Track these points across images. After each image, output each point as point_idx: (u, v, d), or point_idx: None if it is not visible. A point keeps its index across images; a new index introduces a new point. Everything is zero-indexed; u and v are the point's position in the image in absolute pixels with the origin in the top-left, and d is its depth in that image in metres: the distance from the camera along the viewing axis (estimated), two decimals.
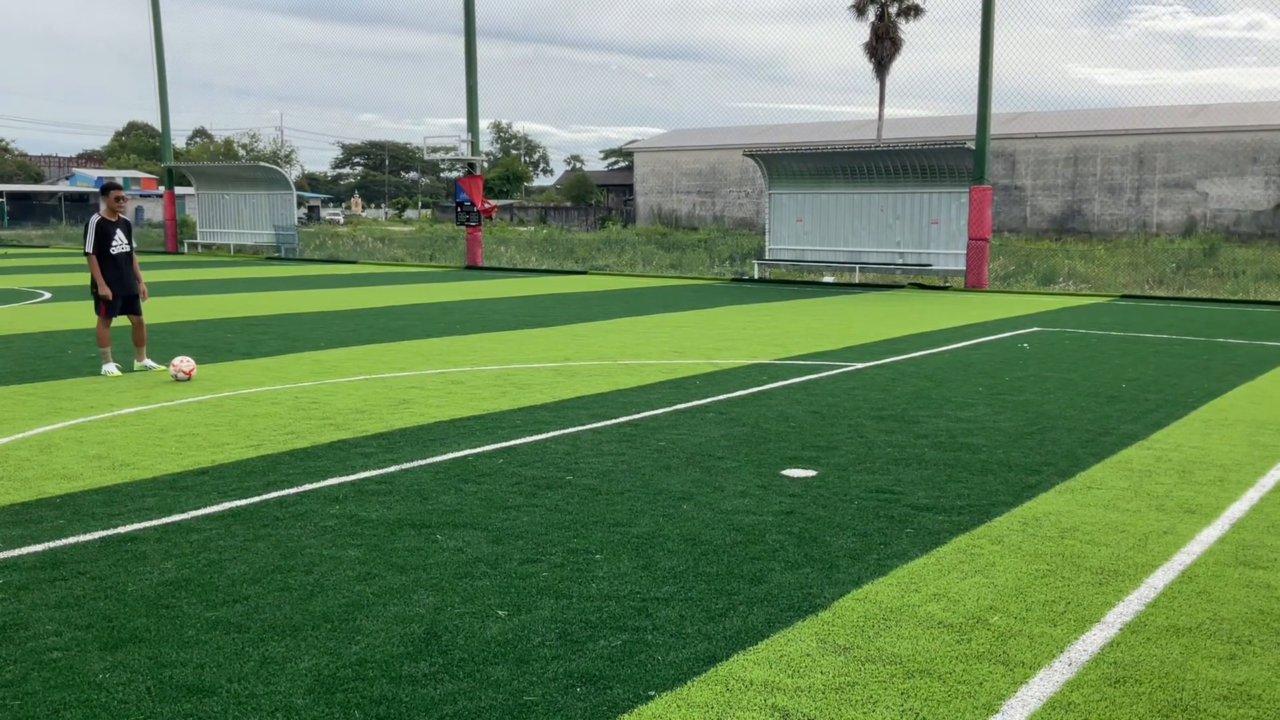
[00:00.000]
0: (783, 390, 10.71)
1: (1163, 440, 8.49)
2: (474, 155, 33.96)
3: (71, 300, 20.90)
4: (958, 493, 6.85)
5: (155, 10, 41.33)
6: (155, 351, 12.86)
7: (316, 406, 9.68)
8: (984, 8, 25.12)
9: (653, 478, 7.17)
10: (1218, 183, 53.42)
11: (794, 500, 6.64)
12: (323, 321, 17.30)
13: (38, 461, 7.57)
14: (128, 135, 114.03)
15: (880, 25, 56.21)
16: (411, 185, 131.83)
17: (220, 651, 4.35)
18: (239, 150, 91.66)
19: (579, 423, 9.00)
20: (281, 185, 42.09)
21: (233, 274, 30.37)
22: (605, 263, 35.11)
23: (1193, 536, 5.98)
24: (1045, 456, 7.89)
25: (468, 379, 11.32)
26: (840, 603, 4.92)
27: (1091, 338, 15.59)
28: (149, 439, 8.32)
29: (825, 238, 28.44)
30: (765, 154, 29.53)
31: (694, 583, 5.17)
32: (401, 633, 4.55)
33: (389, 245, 45.04)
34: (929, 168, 26.39)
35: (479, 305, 20.68)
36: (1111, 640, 4.54)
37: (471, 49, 33.49)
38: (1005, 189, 57.67)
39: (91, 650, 4.35)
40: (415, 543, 5.76)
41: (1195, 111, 55.50)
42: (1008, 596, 5.04)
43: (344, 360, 12.75)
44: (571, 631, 4.57)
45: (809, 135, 62.51)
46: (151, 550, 5.61)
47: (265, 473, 7.25)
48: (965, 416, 9.38)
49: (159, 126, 44.22)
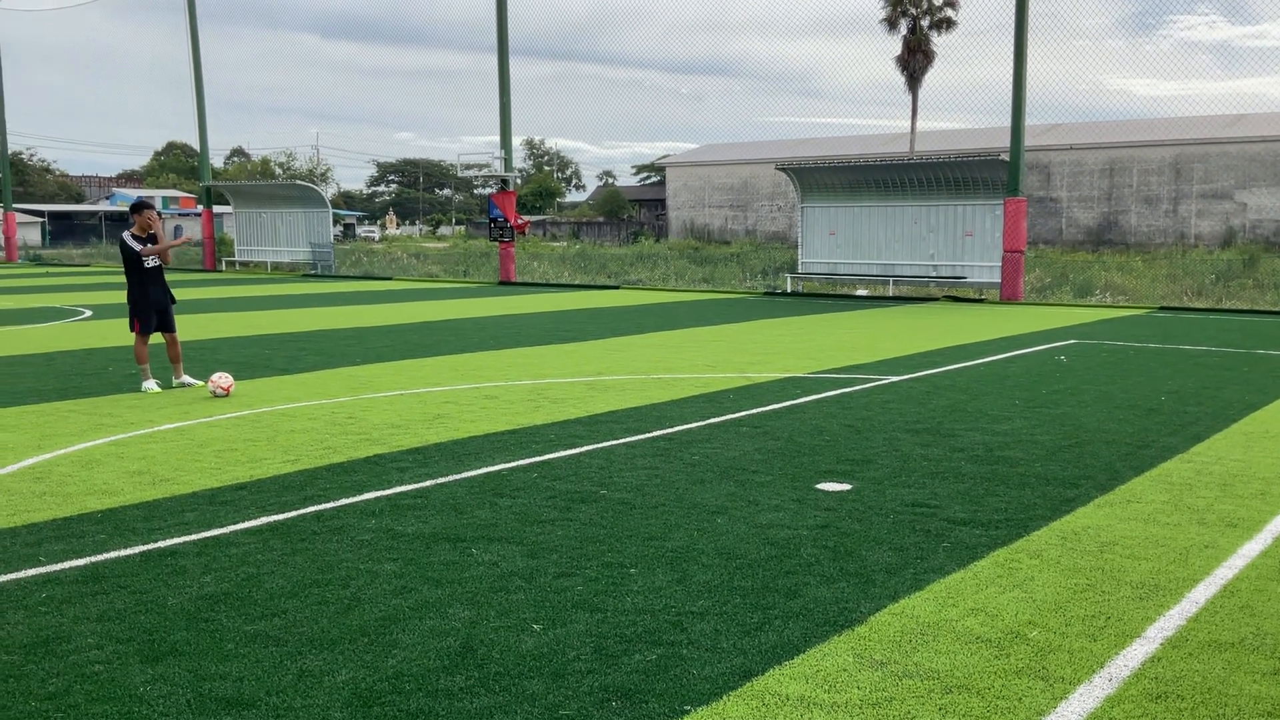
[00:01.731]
0: (816, 404, 10.68)
1: (1203, 453, 8.38)
2: (507, 172, 34.16)
3: (111, 318, 21.19)
4: (995, 506, 6.79)
5: (193, 32, 41.95)
6: (194, 368, 13.01)
7: (353, 422, 9.76)
8: (1017, 20, 25.01)
9: (687, 491, 7.17)
10: (1257, 193, 52.76)
11: (829, 514, 6.61)
12: (358, 337, 17.44)
13: (80, 477, 7.68)
14: (167, 155, 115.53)
15: (912, 38, 56.04)
16: (445, 202, 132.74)
17: (259, 665, 4.38)
18: (276, 169, 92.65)
19: (613, 437, 9.01)
20: (317, 203, 42.51)
21: (270, 291, 30.68)
22: (638, 277, 35.17)
23: (1234, 550, 5.90)
24: (1083, 470, 7.81)
25: (501, 393, 11.37)
26: (877, 617, 4.89)
27: (1130, 350, 15.43)
28: (188, 454, 8.41)
29: (858, 251, 28.35)
30: (798, 168, 29.50)
31: (729, 597, 5.16)
32: (437, 646, 4.57)
33: (423, 261, 45.36)
34: (963, 180, 26.26)
35: (512, 320, 20.77)
36: (1152, 655, 4.48)
37: (505, 67, 33.72)
38: (1040, 200, 57.25)
39: (133, 663, 4.40)
40: (450, 557, 5.78)
41: (1233, 121, 54.89)
42: (1047, 611, 4.99)
43: (379, 376, 12.84)
44: (607, 646, 4.57)
45: (841, 148, 62.36)
46: (191, 564, 5.67)
47: (302, 487, 7.31)
48: (1002, 430, 9.30)
49: (197, 146, 44.84)
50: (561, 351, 15.40)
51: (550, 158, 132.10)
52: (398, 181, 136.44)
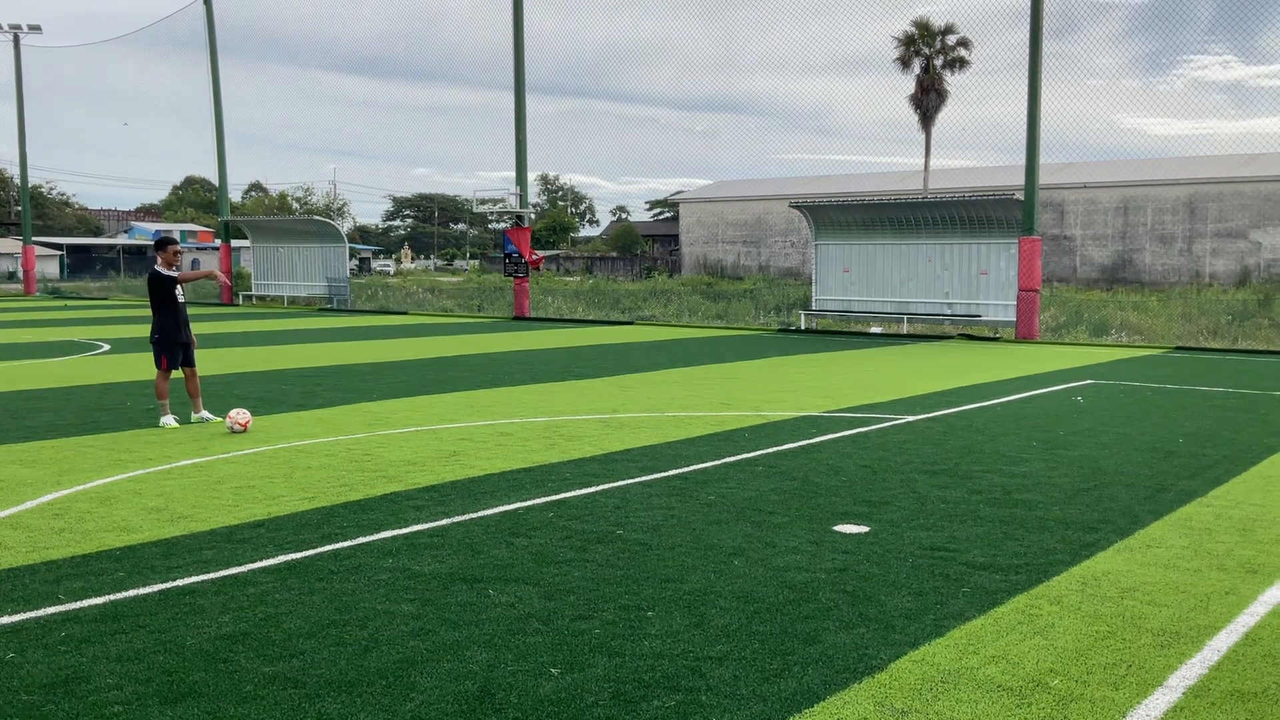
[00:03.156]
0: (832, 443, 10.66)
1: (1222, 497, 8.33)
2: (522, 208, 34.37)
3: (130, 352, 21.32)
4: (1014, 551, 6.76)
5: (214, 68, 42.48)
6: (212, 403, 13.07)
7: (369, 459, 9.78)
8: (1031, 60, 25.14)
9: (703, 532, 7.15)
10: (1271, 232, 52.68)
11: (847, 557, 6.59)
12: (375, 373, 17.49)
13: (98, 514, 7.70)
14: (185, 189, 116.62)
15: (925, 78, 56.31)
16: (460, 236, 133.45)
17: (278, 707, 4.38)
18: (293, 203, 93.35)
19: (628, 475, 9.01)
20: (334, 238, 42.81)
21: (287, 325, 30.84)
22: (651, 313, 35.24)
23: (1256, 597, 5.85)
24: (1103, 514, 7.77)
25: (517, 430, 11.39)
26: (897, 664, 4.87)
27: (1147, 390, 15.38)
28: (206, 491, 8.44)
29: (872, 288, 28.38)
30: (812, 205, 29.60)
31: (747, 642, 5.14)
32: (455, 690, 4.56)
33: (438, 296, 45.54)
34: (977, 218, 26.30)
35: (527, 356, 20.82)
36: (1175, 705, 4.44)
37: (521, 103, 34.01)
38: (1054, 239, 57.27)
39: (151, 704, 4.40)
40: (467, 598, 5.78)
41: (1247, 160, 54.90)
42: (1068, 659, 4.95)
43: (395, 412, 12.87)
44: (625, 691, 4.55)
45: (854, 186, 62.58)
46: (209, 603, 5.68)
47: (320, 525, 7.32)
48: (1020, 471, 9.27)
49: (216, 181, 45.25)
50: (576, 388, 15.42)
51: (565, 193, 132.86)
52: (413, 216, 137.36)
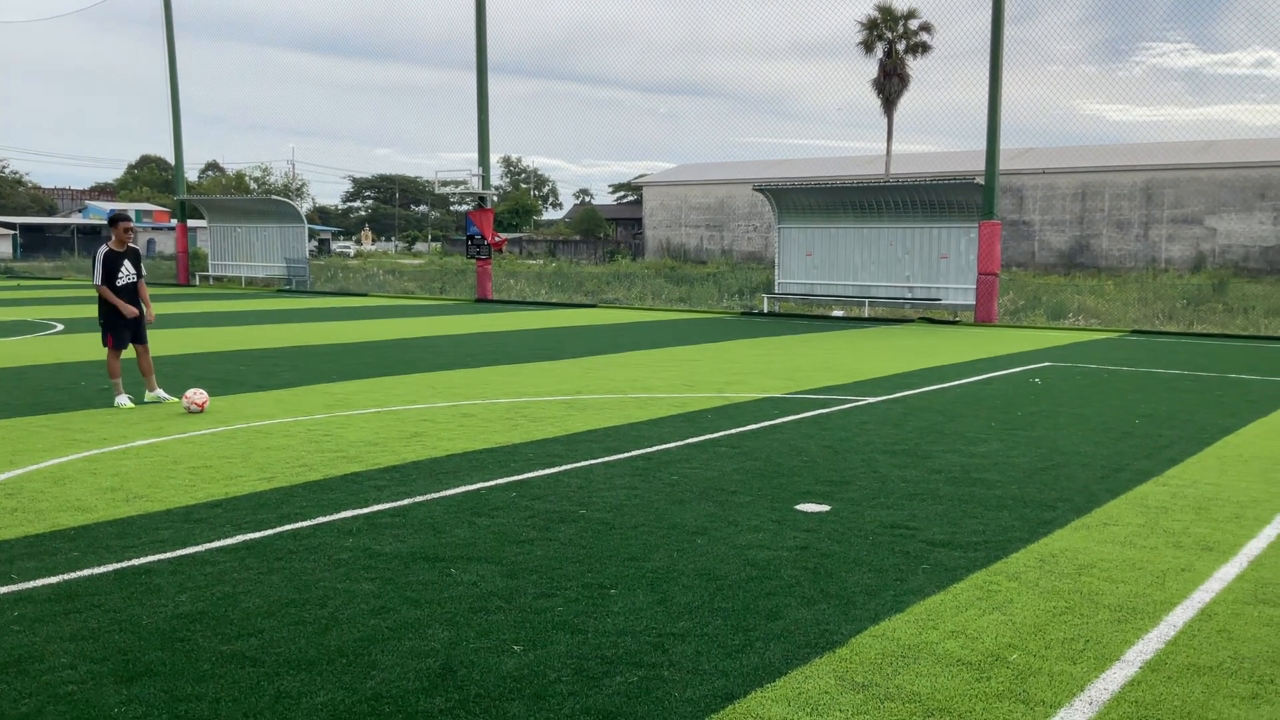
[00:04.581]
0: (795, 424, 10.70)
1: (1178, 476, 8.45)
2: (485, 189, 34.16)
3: (84, 332, 21.00)
4: (973, 529, 6.82)
5: (170, 46, 41.80)
6: (168, 384, 12.90)
7: (329, 439, 9.69)
8: (993, 46, 25.29)
9: (666, 512, 7.15)
10: (1226, 218, 53.45)
11: (809, 535, 6.61)
12: (334, 354, 17.34)
13: (52, 493, 7.58)
14: (140, 168, 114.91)
15: (888, 62, 56.54)
16: (421, 218, 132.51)
17: (236, 686, 4.33)
18: (250, 184, 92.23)
19: (591, 456, 8.99)
20: (293, 218, 42.36)
21: (244, 306, 30.50)
22: (615, 296, 35.20)
23: (1211, 574, 5.94)
24: (1060, 492, 7.85)
25: (479, 412, 11.33)
26: (858, 639, 4.89)
27: (1103, 373, 15.56)
28: (162, 471, 8.33)
29: (834, 272, 28.50)
30: (775, 189, 29.65)
31: (710, 618, 5.15)
32: (417, 668, 4.53)
33: (399, 278, 45.22)
34: (938, 203, 26.47)
35: (490, 338, 20.72)
36: (1132, 679, 4.50)
37: (483, 84, 33.76)
38: (1013, 224, 57.77)
39: (107, 683, 4.34)
40: (429, 576, 5.74)
41: (1204, 148, 55.63)
42: (1026, 634, 5.00)
43: (356, 393, 12.77)
44: (588, 667, 4.55)
45: (817, 170, 62.77)
46: (166, 583, 5.61)
47: (279, 505, 7.25)
48: (979, 451, 9.35)
49: (172, 160, 44.61)
50: (539, 370, 15.37)
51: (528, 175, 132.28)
52: (374, 197, 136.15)
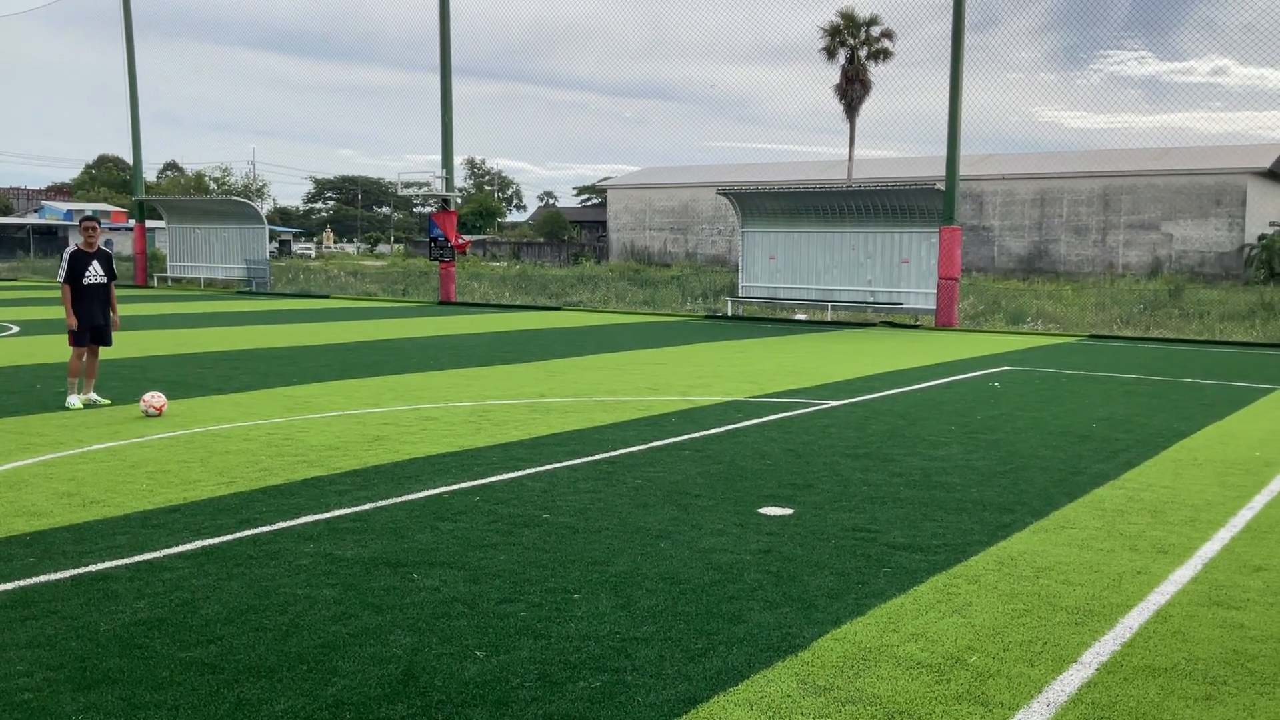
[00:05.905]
0: (758, 428, 10.74)
1: (1134, 480, 8.57)
2: (448, 191, 34.02)
3: (40, 334, 20.69)
4: (933, 532, 6.88)
5: (129, 44, 41.28)
6: (125, 387, 12.74)
7: (289, 443, 9.61)
8: (953, 53, 25.52)
9: (630, 516, 7.16)
10: (1182, 224, 54.24)
11: (771, 539, 6.64)
12: (295, 357, 17.20)
13: (6, 498, 7.46)
14: (98, 168, 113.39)
15: (850, 68, 56.94)
16: (384, 220, 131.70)
17: (195, 693, 4.29)
18: (210, 184, 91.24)
19: (555, 460, 8.98)
20: (253, 219, 41.95)
21: (203, 308, 30.18)
22: (579, 299, 35.16)
23: (1166, 576, 6.03)
24: (1019, 496, 7.94)
25: (442, 415, 11.28)
26: (819, 643, 4.92)
27: (1061, 377, 15.74)
28: (120, 476, 8.23)
29: (797, 276, 28.64)
30: (738, 192, 29.76)
31: (673, 622, 5.16)
32: (378, 674, 4.50)
33: (361, 280, 44.92)
34: (899, 208, 26.67)
35: (453, 341, 20.64)
36: (1089, 680, 4.56)
37: (447, 86, 33.62)
38: (973, 229, 58.29)
39: (64, 691, 4.28)
40: (391, 582, 5.71)
41: (1160, 154, 56.43)
42: (985, 636, 5.05)
43: (317, 396, 12.67)
44: (551, 673, 4.54)
45: (781, 174, 63.05)
46: (124, 589, 5.54)
47: (238, 510, 7.18)
48: (939, 455, 9.43)
49: (130, 159, 44.05)
50: (502, 373, 15.33)
51: (491, 177, 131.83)
52: (336, 198, 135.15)
